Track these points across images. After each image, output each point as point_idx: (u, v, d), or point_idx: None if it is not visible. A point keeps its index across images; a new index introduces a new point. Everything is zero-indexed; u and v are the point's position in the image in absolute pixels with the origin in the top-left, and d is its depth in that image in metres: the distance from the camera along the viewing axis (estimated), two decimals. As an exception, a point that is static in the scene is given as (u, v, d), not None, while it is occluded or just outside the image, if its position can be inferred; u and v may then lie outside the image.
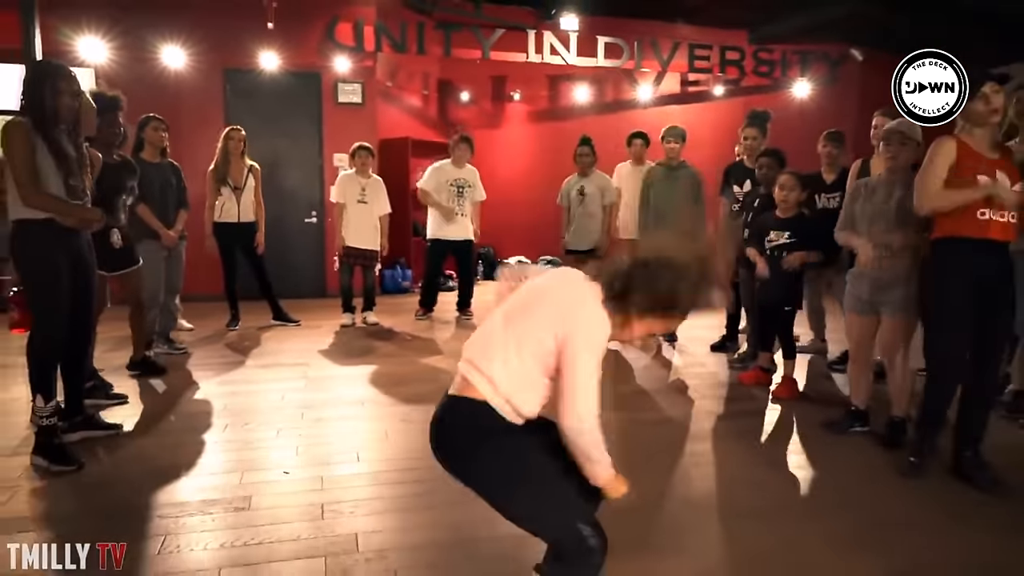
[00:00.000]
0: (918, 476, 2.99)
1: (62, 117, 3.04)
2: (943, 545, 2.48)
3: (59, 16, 6.76)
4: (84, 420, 3.38)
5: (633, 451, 3.32)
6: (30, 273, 3.05)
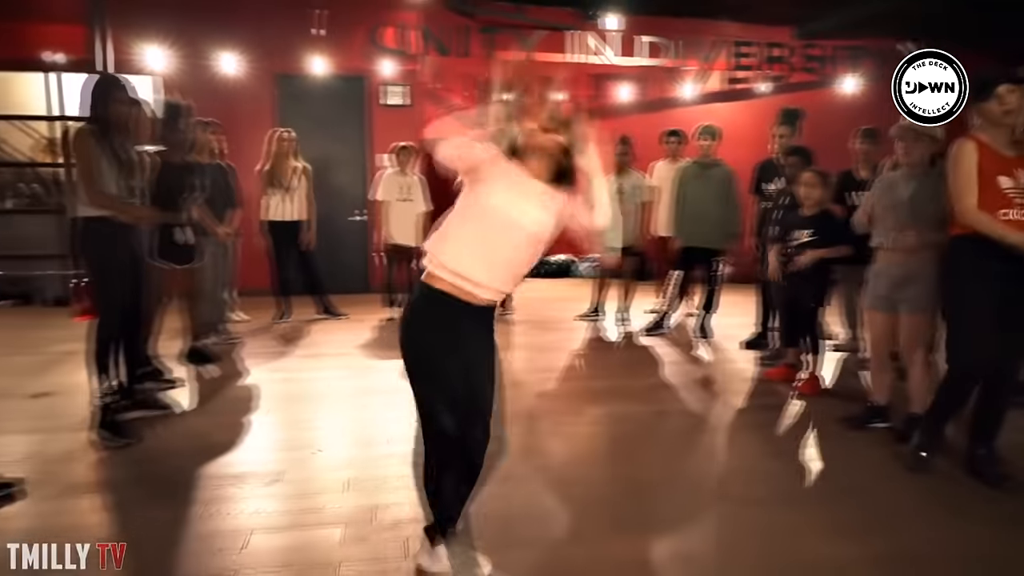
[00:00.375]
0: (926, 470, 3.02)
1: (119, 124, 3.34)
2: (941, 537, 2.54)
3: (126, 28, 7.22)
4: (140, 400, 3.69)
5: (646, 440, 3.44)
6: (93, 266, 3.36)
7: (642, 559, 2.34)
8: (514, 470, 3.05)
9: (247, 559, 2.30)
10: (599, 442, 3.50)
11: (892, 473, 3.07)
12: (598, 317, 6.52)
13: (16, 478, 2.77)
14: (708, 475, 3.06)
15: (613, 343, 5.73)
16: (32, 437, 3.40)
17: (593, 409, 3.99)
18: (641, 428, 3.65)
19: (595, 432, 3.63)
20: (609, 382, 4.56)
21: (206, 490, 2.81)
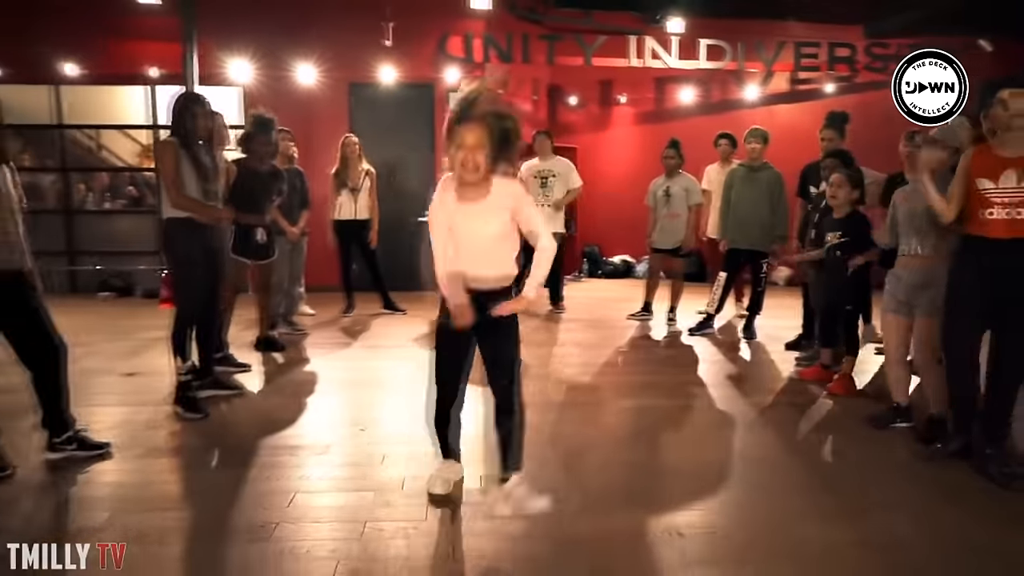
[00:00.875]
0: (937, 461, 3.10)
1: (199, 135, 3.79)
2: (935, 528, 2.64)
3: (214, 44, 7.87)
4: (213, 380, 4.15)
5: (667, 431, 3.64)
6: (174, 261, 3.83)
7: (638, 531, 2.55)
8: (539, 453, 3.31)
9: (289, 514, 2.65)
10: (622, 431, 3.71)
11: (904, 468, 3.16)
12: (648, 316, 6.68)
13: (106, 442, 3.23)
14: (718, 463, 3.22)
15: (657, 341, 5.89)
16: (122, 409, 3.90)
17: (623, 401, 4.20)
18: (665, 420, 3.84)
19: (620, 423, 3.84)
20: (644, 377, 4.75)
21: (262, 457, 3.21)
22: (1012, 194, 2.88)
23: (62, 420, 3.16)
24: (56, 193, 8.77)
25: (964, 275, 3.00)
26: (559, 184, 6.86)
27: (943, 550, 2.49)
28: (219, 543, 2.45)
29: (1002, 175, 2.87)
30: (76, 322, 6.47)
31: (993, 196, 2.88)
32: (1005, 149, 2.91)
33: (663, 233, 6.46)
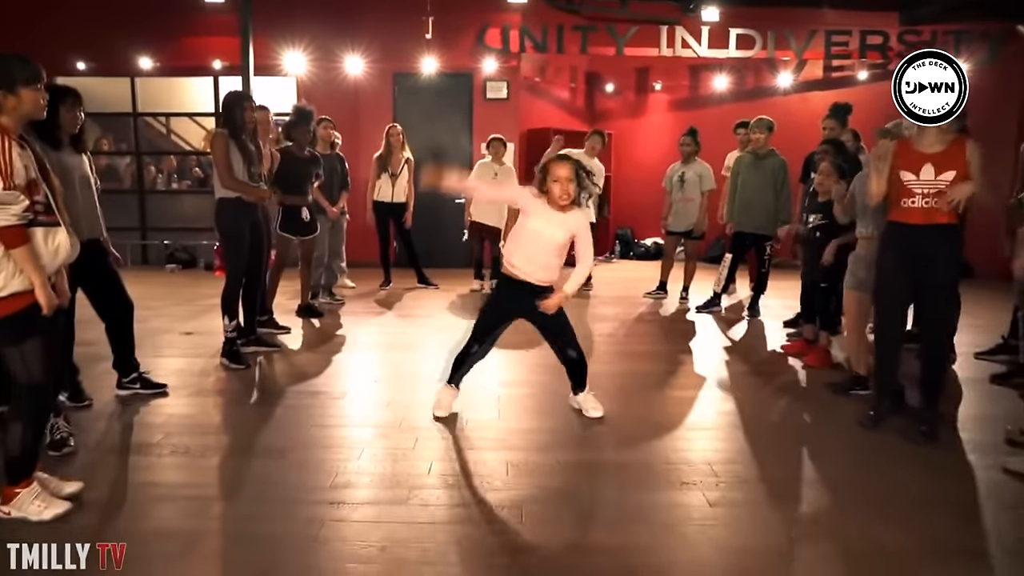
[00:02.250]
0: (874, 428, 3.46)
1: (246, 127, 4.40)
2: (861, 474, 3.04)
3: (270, 37, 8.56)
4: (256, 339, 4.81)
5: (647, 390, 4.09)
6: (224, 235, 4.46)
7: (586, 461, 3.04)
8: (535, 405, 3.83)
9: (301, 442, 3.25)
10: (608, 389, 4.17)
11: (846, 428, 3.53)
12: (662, 295, 7.08)
13: (163, 383, 3.91)
14: (677, 417, 3.67)
15: (664, 317, 6.31)
16: (179, 360, 4.59)
17: (614, 366, 4.66)
18: (646, 382, 4.28)
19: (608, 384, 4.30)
20: (640, 347, 5.20)
21: (288, 400, 3.83)
22: (930, 185, 3.21)
23: (129, 363, 3.85)
24: (131, 175, 9.69)
25: (887, 257, 3.34)
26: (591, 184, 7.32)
27: (868, 491, 2.89)
28: (245, 459, 3.07)
29: (922, 168, 3.20)
30: (146, 290, 7.30)
31: (914, 187, 3.22)
32: (922, 144, 3.24)
33: (677, 216, 6.83)
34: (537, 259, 3.38)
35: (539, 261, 3.38)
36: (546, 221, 3.33)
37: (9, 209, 2.33)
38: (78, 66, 9.05)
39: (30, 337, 2.45)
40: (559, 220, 3.33)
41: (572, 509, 2.65)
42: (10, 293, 2.39)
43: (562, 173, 3.26)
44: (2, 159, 2.32)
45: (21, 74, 2.46)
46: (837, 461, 3.16)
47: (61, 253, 2.54)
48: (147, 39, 8.97)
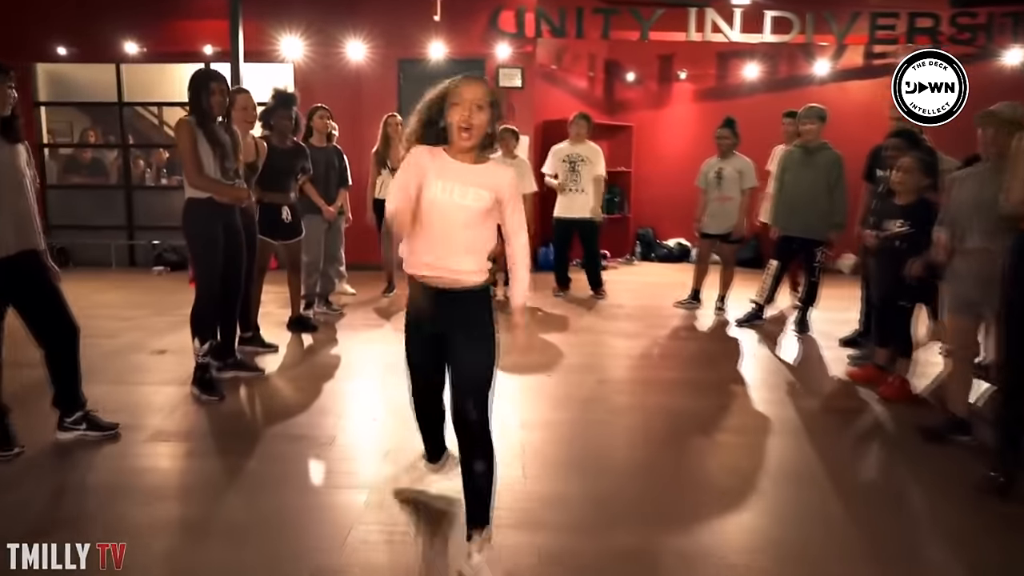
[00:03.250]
0: (1001, 496, 2.74)
1: (215, 112, 3.70)
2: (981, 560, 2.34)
3: (265, 19, 7.87)
4: (235, 362, 4.13)
5: (694, 435, 3.39)
6: (193, 241, 3.78)
7: (641, 550, 2.35)
8: (553, 453, 3.14)
9: (268, 513, 2.56)
10: (647, 434, 3.48)
11: (960, 494, 2.83)
12: (695, 305, 6.37)
13: (114, 423, 3.22)
14: (749, 478, 2.96)
15: (702, 333, 5.59)
16: (143, 388, 3.92)
17: (653, 399, 3.96)
18: (697, 423, 3.58)
19: (647, 424, 3.61)
20: (680, 373, 4.49)
21: (265, 445, 3.15)
22: None
23: (74, 399, 3.17)
24: (117, 169, 9.02)
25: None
26: (587, 170, 6.63)
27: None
28: (196, 545, 2.38)
29: None
30: (126, 297, 6.66)
31: None
32: None
33: (713, 217, 6.11)
34: (445, 243, 2.13)
35: (449, 246, 2.13)
36: (448, 179, 2.11)
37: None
38: (59, 51, 8.39)
39: None
40: (469, 174, 2.13)
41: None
42: None
43: (466, 95, 2.09)
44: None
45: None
46: (953, 543, 2.46)
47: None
48: (133, 22, 8.29)
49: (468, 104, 2.08)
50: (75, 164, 9.23)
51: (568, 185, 6.64)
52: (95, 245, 8.75)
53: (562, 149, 6.74)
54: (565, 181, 6.65)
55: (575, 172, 6.63)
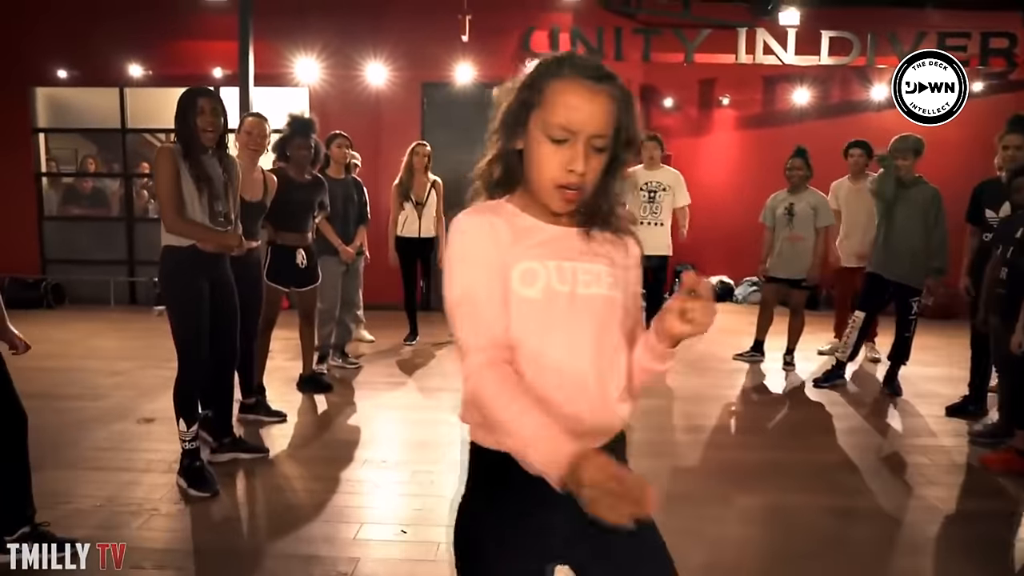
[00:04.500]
0: None
1: (204, 138, 3.02)
2: None
3: (278, 40, 7.29)
4: (232, 441, 3.40)
5: (822, 554, 2.62)
6: (172, 300, 3.06)
7: None
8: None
9: None
10: (750, 551, 2.72)
11: None
12: (758, 358, 5.61)
13: (71, 540, 2.48)
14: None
15: (776, 395, 4.83)
16: (120, 476, 3.18)
17: (744, 498, 3.17)
18: (806, 533, 2.81)
19: (746, 535, 2.84)
20: (768, 453, 3.71)
21: (267, 565, 2.41)
22: None
23: (20, 512, 2.44)
24: (119, 200, 8.42)
25: None
26: (668, 199, 5.85)
27: None
28: None
29: None
30: (121, 342, 6.01)
31: None
32: None
33: (782, 259, 5.37)
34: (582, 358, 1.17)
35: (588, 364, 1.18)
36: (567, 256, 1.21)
37: None
38: (59, 75, 7.85)
39: None
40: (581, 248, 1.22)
41: None
42: None
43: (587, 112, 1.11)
44: None
45: None
46: None
47: None
48: (138, 44, 7.76)
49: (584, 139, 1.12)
50: (75, 194, 8.65)
51: (646, 218, 5.75)
52: (93, 281, 8.14)
53: (637, 177, 5.79)
54: (643, 213, 5.81)
55: (654, 203, 5.80)
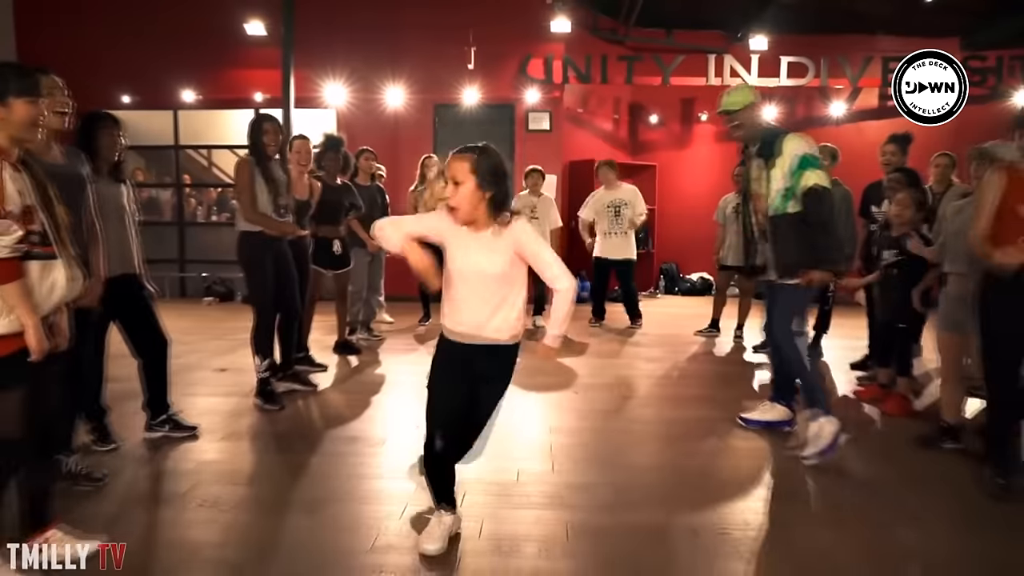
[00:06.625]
0: (1007, 496, 3.00)
1: (270, 151, 4.21)
2: (951, 544, 2.66)
3: (311, 68, 8.53)
4: (292, 375, 4.58)
5: (705, 439, 3.74)
6: (246, 269, 4.25)
7: (654, 524, 2.70)
8: (577, 452, 3.51)
9: (335, 492, 2.97)
10: (662, 439, 3.83)
11: (942, 489, 3.14)
12: (714, 333, 6.72)
13: (194, 425, 3.68)
14: (751, 472, 3.31)
15: (720, 357, 5.94)
16: (211, 399, 4.38)
17: (671, 412, 4.31)
18: (706, 430, 3.93)
19: (662, 431, 3.97)
20: (698, 391, 4.84)
21: (324, 446, 3.57)
22: None
23: (161, 404, 3.63)
24: (172, 207, 9.69)
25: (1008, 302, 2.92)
26: (628, 212, 7.09)
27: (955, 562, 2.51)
28: (278, 514, 2.80)
29: None
30: (182, 324, 7.18)
31: None
32: None
33: (732, 250, 6.48)
34: (473, 306, 2.37)
35: (477, 309, 2.37)
36: (465, 249, 2.35)
37: (1, 239, 2.08)
38: (123, 100, 9.13)
39: (10, 387, 2.19)
40: (480, 243, 2.34)
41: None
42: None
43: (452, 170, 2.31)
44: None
45: (15, 84, 2.20)
46: (939, 531, 2.78)
47: (57, 291, 2.25)
48: (190, 73, 9.04)
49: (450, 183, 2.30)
50: (133, 202, 9.90)
51: (613, 228, 7.13)
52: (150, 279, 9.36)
53: (602, 197, 7.20)
54: (609, 226, 7.11)
55: (619, 216, 7.11)
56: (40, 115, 2.28)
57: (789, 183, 3.47)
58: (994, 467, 3.07)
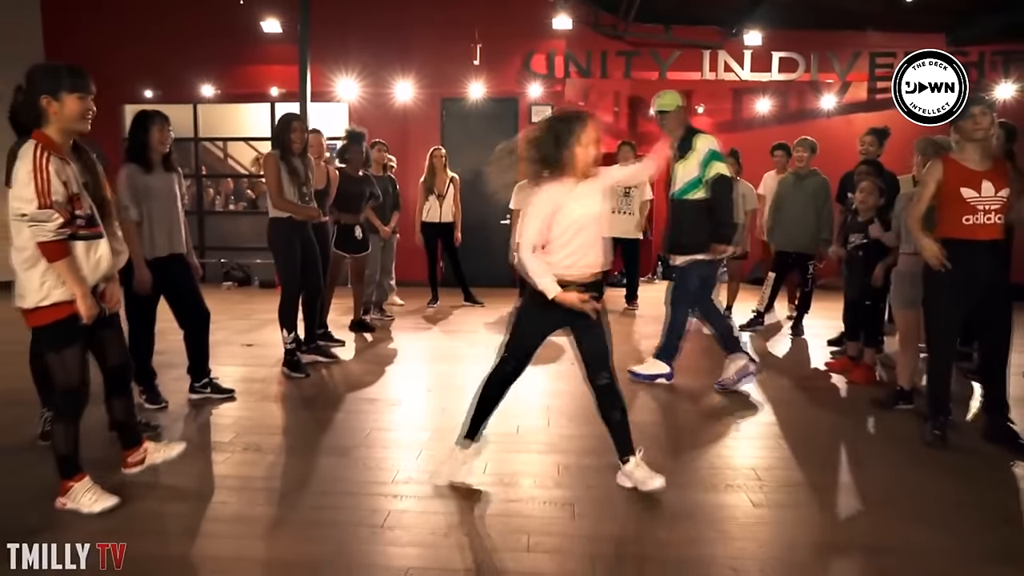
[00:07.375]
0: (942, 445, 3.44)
1: (296, 147, 4.65)
2: (897, 481, 3.10)
3: (324, 64, 8.96)
4: (315, 348, 5.05)
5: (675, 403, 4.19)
6: (276, 251, 4.71)
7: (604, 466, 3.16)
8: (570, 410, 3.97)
9: (360, 441, 3.45)
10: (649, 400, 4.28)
11: (890, 440, 3.58)
12: (704, 314, 7.16)
13: (232, 388, 4.16)
14: (718, 426, 3.76)
15: (707, 335, 6.37)
16: (242, 369, 4.86)
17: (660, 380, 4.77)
18: (690, 394, 4.39)
19: (650, 394, 4.42)
20: (686, 363, 5.27)
21: (347, 405, 4.05)
22: (991, 202, 3.26)
23: (203, 369, 4.11)
24: (191, 197, 10.16)
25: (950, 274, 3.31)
26: (638, 194, 7.48)
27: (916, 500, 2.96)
28: (311, 456, 3.28)
29: (982, 185, 3.25)
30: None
31: (978, 204, 3.27)
32: (971, 161, 3.30)
33: (721, 236, 6.92)
34: (591, 246, 2.80)
35: (593, 246, 2.81)
36: (582, 200, 2.74)
37: (44, 226, 2.43)
38: (146, 94, 9.58)
39: (69, 345, 2.58)
40: (591, 189, 2.78)
41: (620, 507, 2.78)
42: (52, 303, 2.52)
43: (594, 135, 2.71)
44: (40, 178, 2.40)
45: (68, 81, 2.49)
46: (880, 470, 3.23)
47: (103, 265, 2.62)
48: (210, 68, 9.47)
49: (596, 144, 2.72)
50: (155, 192, 10.38)
51: (622, 207, 7.47)
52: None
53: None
54: (618, 204, 7.50)
55: (628, 196, 7.49)
56: (89, 110, 2.59)
57: (699, 173, 4.31)
58: (932, 420, 3.52)
